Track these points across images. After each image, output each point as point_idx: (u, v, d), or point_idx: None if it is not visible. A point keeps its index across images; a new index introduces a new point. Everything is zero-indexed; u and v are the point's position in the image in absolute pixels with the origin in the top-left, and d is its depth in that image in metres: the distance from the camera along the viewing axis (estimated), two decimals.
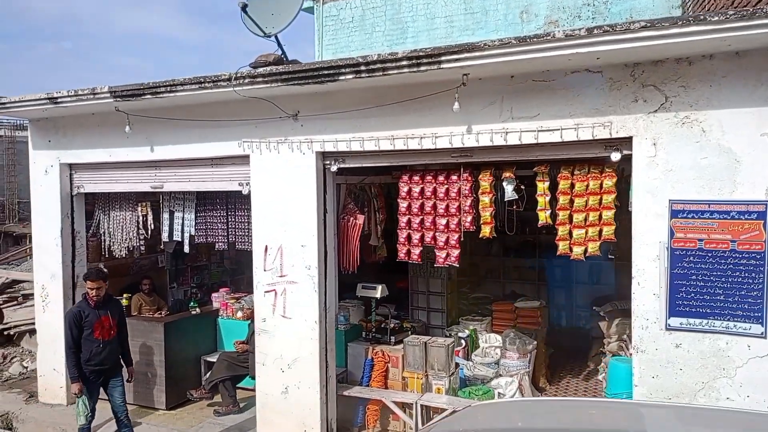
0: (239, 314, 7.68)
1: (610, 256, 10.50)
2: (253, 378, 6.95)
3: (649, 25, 3.96)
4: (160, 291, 8.58)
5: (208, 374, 7.36)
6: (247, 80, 5.29)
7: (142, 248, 7.46)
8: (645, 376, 4.55)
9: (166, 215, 7.14)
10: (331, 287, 5.95)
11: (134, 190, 7.04)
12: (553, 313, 10.24)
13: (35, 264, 7.47)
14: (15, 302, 10.96)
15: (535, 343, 7.56)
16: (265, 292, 6.00)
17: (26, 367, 9.42)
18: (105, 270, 6.48)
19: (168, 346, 7.01)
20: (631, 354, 6.10)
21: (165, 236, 7.19)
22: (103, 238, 7.53)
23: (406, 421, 5.94)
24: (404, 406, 6.02)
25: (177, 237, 7.12)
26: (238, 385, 7.17)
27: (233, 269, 10.17)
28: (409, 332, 7.40)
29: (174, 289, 9.06)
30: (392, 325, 6.88)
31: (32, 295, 10.98)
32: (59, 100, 6.25)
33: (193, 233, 7.04)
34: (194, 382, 7.40)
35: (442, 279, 9.21)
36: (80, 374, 5.69)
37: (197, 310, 7.65)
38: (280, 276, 5.91)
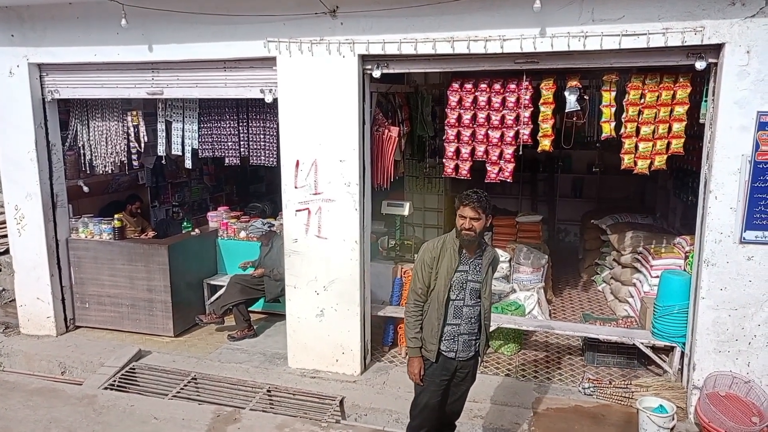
0: (242, 234, 7.14)
1: (594, 170, 10.69)
2: (269, 301, 6.60)
3: None
4: (143, 211, 7.82)
5: (214, 298, 6.91)
6: None
7: (135, 163, 6.64)
8: (713, 288, 4.58)
9: (162, 126, 6.31)
10: (368, 205, 5.56)
11: (125, 97, 6.13)
12: None
13: (5, 181, 6.49)
14: None
15: (547, 257, 7.60)
16: (297, 210, 5.51)
17: None
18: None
19: (172, 270, 6.43)
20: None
21: (161, 150, 6.40)
22: (82, 151, 6.62)
23: None
24: None
25: (176, 151, 6.35)
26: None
27: (213, 186, 9.46)
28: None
29: (156, 208, 8.30)
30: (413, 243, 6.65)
31: None
32: None
33: (196, 147, 6.30)
34: (199, 307, 6.94)
35: (439, 195, 9.01)
36: None
37: (197, 231, 7.03)
38: (315, 194, 5.42)
